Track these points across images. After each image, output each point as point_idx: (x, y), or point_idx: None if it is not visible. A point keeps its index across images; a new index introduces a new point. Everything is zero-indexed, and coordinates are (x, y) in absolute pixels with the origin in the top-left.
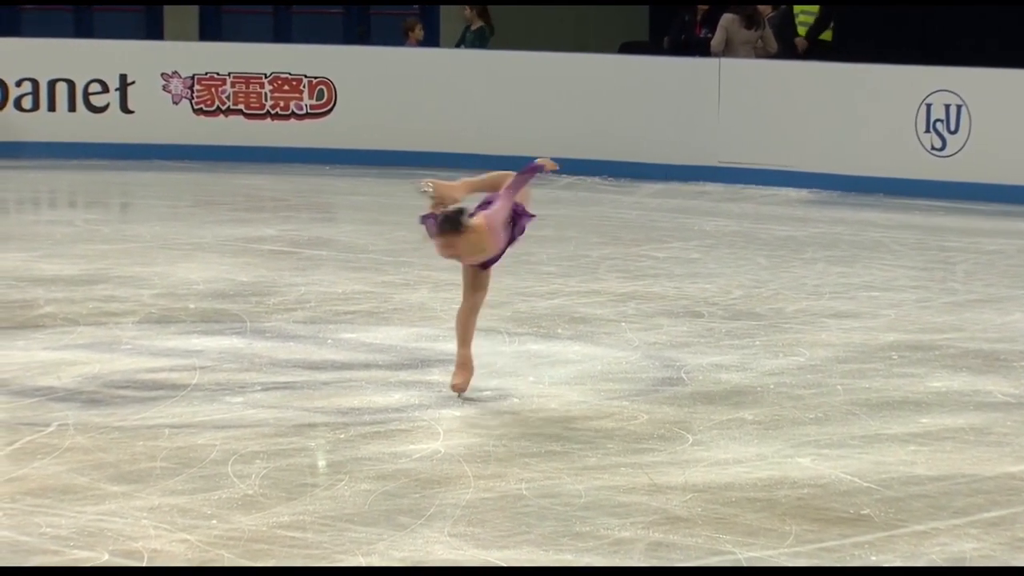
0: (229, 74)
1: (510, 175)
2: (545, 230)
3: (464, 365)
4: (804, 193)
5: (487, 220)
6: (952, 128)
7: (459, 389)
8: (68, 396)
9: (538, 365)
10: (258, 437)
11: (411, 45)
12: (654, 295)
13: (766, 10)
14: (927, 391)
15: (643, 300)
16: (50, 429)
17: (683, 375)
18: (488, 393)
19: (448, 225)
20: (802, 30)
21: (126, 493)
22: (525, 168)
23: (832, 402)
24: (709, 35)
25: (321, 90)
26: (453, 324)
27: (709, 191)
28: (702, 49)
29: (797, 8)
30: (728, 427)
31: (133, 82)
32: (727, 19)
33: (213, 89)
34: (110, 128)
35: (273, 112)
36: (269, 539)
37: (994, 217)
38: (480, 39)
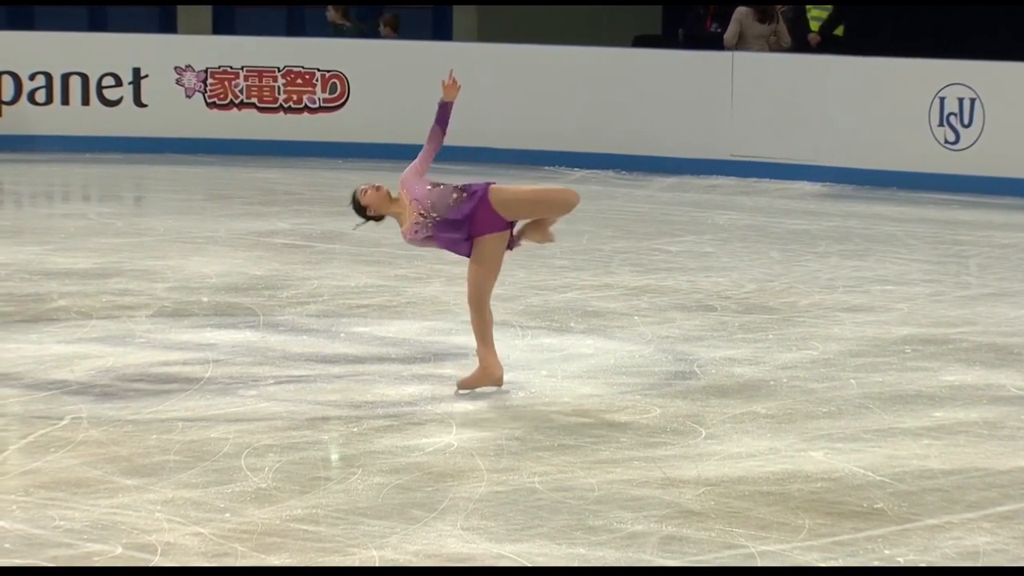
0: (242, 68)
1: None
2: (558, 224)
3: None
4: (817, 187)
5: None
6: (966, 122)
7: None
8: (82, 389)
9: (551, 359)
10: (271, 430)
11: (389, 37)
12: (667, 289)
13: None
14: (940, 385)
15: (656, 294)
16: (64, 422)
17: (696, 369)
18: (501, 387)
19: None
20: (815, 25)
21: (139, 486)
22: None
23: (845, 396)
24: (719, 29)
25: (334, 84)
26: (465, 317)
27: (722, 185)
28: (715, 43)
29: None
30: (741, 421)
31: (146, 76)
32: (741, 12)
33: (226, 83)
34: (123, 122)
35: (286, 106)
36: (282, 532)
37: (1008, 211)
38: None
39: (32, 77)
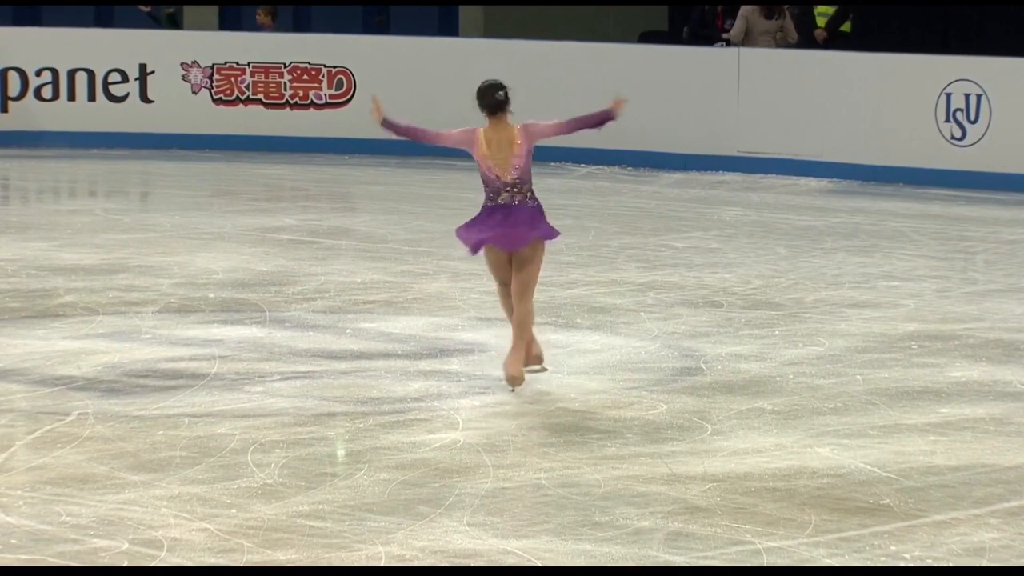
0: (248, 64)
1: None
2: (564, 220)
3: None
4: (824, 183)
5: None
6: (972, 118)
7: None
8: (88, 385)
9: (557, 355)
10: (277, 426)
11: (267, 29)
12: (673, 285)
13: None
14: (947, 381)
15: (662, 290)
16: (70, 418)
17: (702, 365)
18: (507, 383)
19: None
20: (821, 21)
21: (146, 482)
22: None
23: (851, 392)
24: (730, 24)
25: (340, 80)
26: (471, 313)
27: (728, 181)
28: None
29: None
30: (747, 417)
31: (153, 72)
32: (747, 9)
33: (232, 79)
34: (130, 118)
35: (292, 102)
36: (288, 528)
37: (1014, 207)
38: (156, 22)
39: (38, 73)
